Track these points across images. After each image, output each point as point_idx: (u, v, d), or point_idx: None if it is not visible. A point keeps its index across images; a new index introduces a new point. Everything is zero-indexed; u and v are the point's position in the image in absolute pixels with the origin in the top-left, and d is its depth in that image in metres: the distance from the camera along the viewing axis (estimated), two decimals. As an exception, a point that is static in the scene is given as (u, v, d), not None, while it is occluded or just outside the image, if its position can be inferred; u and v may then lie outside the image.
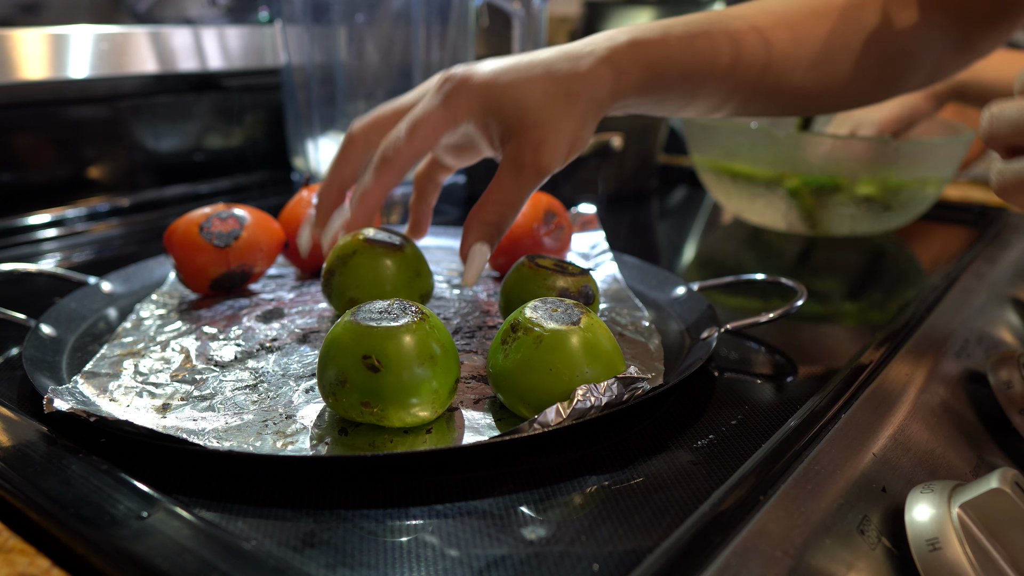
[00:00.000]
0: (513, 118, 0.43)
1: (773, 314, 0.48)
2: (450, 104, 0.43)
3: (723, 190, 0.79)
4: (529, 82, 0.43)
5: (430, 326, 0.37)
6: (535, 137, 0.43)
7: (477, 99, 0.43)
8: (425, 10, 0.75)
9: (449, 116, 0.43)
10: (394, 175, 0.43)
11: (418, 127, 0.43)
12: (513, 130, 0.43)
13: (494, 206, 0.44)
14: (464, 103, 0.43)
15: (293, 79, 0.79)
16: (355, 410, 0.36)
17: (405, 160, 0.43)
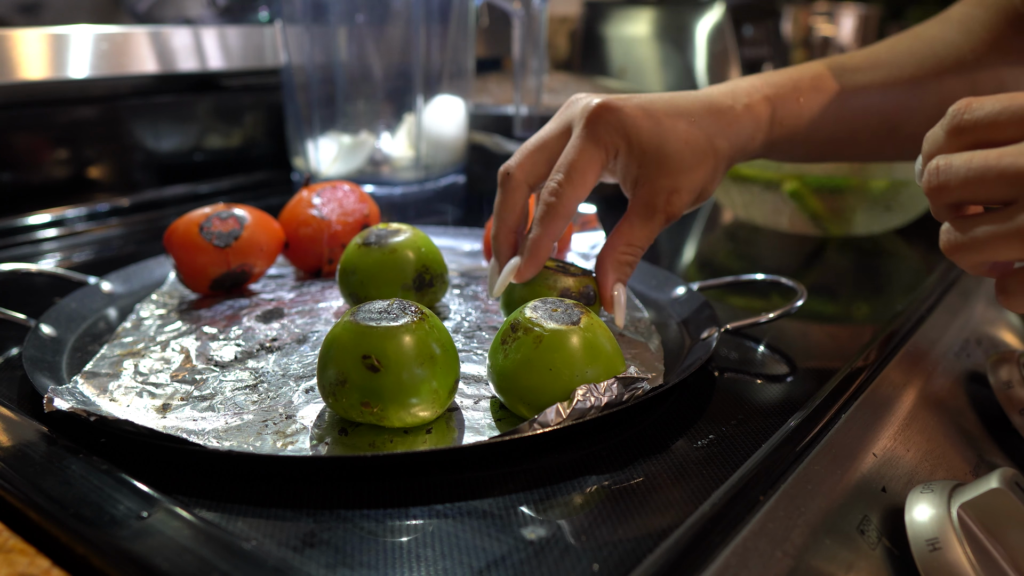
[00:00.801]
0: (654, 162, 0.43)
1: (773, 314, 0.48)
2: (602, 142, 0.43)
3: (723, 190, 0.79)
4: (674, 129, 0.44)
5: (430, 326, 0.37)
6: (670, 185, 0.43)
7: (623, 137, 0.43)
8: (425, 10, 0.75)
9: (603, 155, 0.43)
10: (560, 221, 0.43)
11: (576, 172, 0.43)
12: (652, 173, 0.43)
13: (626, 248, 0.44)
14: (614, 137, 0.43)
15: (293, 79, 0.79)
16: (355, 410, 0.36)
17: (570, 207, 0.43)
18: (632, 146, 0.43)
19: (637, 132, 0.43)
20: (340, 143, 0.80)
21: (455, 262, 0.62)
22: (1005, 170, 0.30)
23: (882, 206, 0.72)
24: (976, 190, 0.31)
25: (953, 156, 0.32)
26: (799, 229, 0.76)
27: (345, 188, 0.58)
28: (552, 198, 0.43)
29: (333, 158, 0.80)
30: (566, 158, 0.43)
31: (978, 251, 0.32)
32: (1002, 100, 0.31)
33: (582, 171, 0.43)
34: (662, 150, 0.43)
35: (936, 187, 0.33)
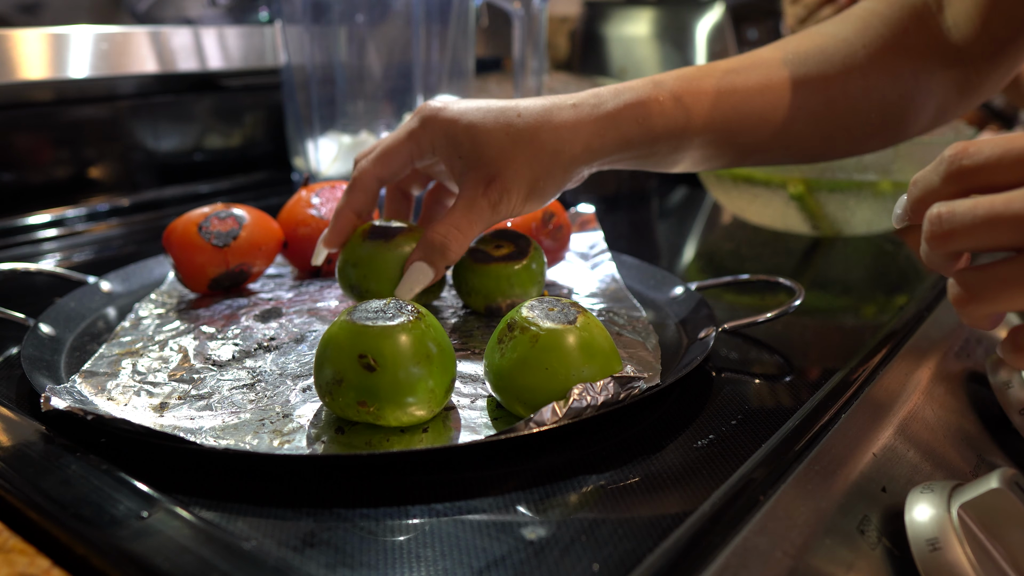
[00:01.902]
0: (471, 154, 0.45)
1: (771, 314, 0.48)
2: (415, 135, 0.46)
3: (723, 190, 0.79)
4: (495, 123, 0.45)
5: (426, 325, 0.37)
6: (488, 174, 0.45)
7: (441, 133, 0.46)
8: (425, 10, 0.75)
9: (413, 146, 0.47)
10: (360, 196, 0.48)
11: (384, 154, 0.47)
12: (471, 166, 0.45)
13: (442, 229, 0.45)
14: (428, 136, 0.46)
15: (293, 79, 0.79)
16: (351, 409, 0.36)
17: (369, 183, 0.47)
18: (450, 140, 0.45)
19: (454, 128, 0.45)
20: (340, 143, 0.80)
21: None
22: (1015, 216, 0.29)
23: (882, 206, 0.72)
24: (984, 238, 0.30)
25: (955, 203, 0.31)
26: (798, 229, 0.76)
27: (344, 188, 0.58)
28: (356, 172, 0.48)
29: (333, 158, 0.80)
30: (383, 142, 0.48)
31: (993, 302, 0.31)
32: (1001, 144, 0.31)
33: (387, 155, 0.47)
34: (478, 141, 0.45)
35: (939, 235, 0.31)
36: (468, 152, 0.45)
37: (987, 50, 0.50)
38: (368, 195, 0.48)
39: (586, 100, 0.46)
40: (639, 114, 0.46)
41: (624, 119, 0.46)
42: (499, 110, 0.45)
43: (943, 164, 0.32)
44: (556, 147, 0.45)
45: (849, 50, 0.50)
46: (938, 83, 0.51)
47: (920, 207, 0.34)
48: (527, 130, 0.45)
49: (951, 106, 0.53)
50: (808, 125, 0.50)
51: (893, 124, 0.52)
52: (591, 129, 0.45)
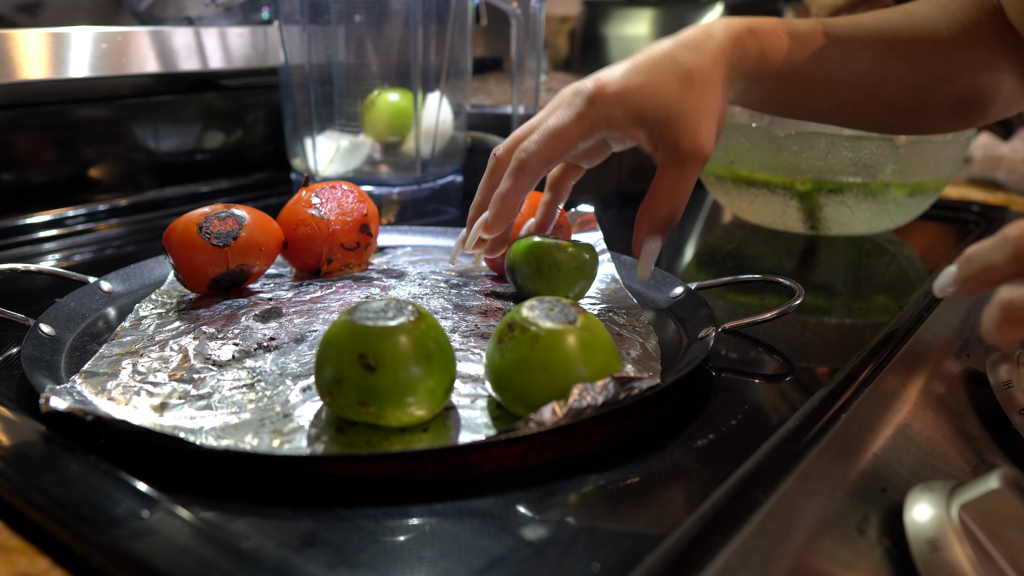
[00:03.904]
0: (660, 116, 0.45)
1: (770, 314, 0.48)
2: (585, 116, 0.45)
3: (723, 190, 0.79)
4: (663, 79, 0.45)
5: (426, 325, 0.37)
6: (687, 126, 0.45)
7: (618, 108, 0.45)
8: (423, 10, 0.75)
9: (585, 127, 0.45)
10: (528, 179, 0.46)
11: (553, 136, 0.45)
12: (664, 126, 0.45)
13: (664, 200, 0.45)
14: (602, 113, 0.45)
15: (291, 79, 0.79)
16: (352, 409, 0.36)
17: (538, 166, 0.45)
18: (630, 111, 0.45)
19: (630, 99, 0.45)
20: (338, 143, 0.80)
21: (455, 262, 0.62)
22: None
23: (882, 207, 0.72)
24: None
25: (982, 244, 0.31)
26: (798, 229, 0.76)
27: (344, 188, 0.58)
28: (523, 154, 0.46)
29: (331, 158, 0.80)
30: (547, 124, 0.46)
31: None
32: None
33: (558, 136, 0.45)
34: (660, 101, 0.45)
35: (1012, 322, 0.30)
36: (656, 117, 0.45)
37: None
38: (535, 179, 0.46)
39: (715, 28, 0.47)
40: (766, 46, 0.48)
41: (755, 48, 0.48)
42: (655, 66, 0.45)
43: (1008, 245, 0.31)
44: (721, 77, 0.46)
45: (934, 28, 0.52)
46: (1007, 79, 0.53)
47: (975, 284, 0.33)
48: (695, 73, 0.45)
49: (1012, 105, 0.55)
50: (896, 92, 0.52)
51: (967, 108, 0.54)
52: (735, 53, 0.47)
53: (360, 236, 0.57)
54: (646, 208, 0.46)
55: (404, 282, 0.56)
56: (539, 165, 0.46)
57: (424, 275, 0.58)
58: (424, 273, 0.59)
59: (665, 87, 0.45)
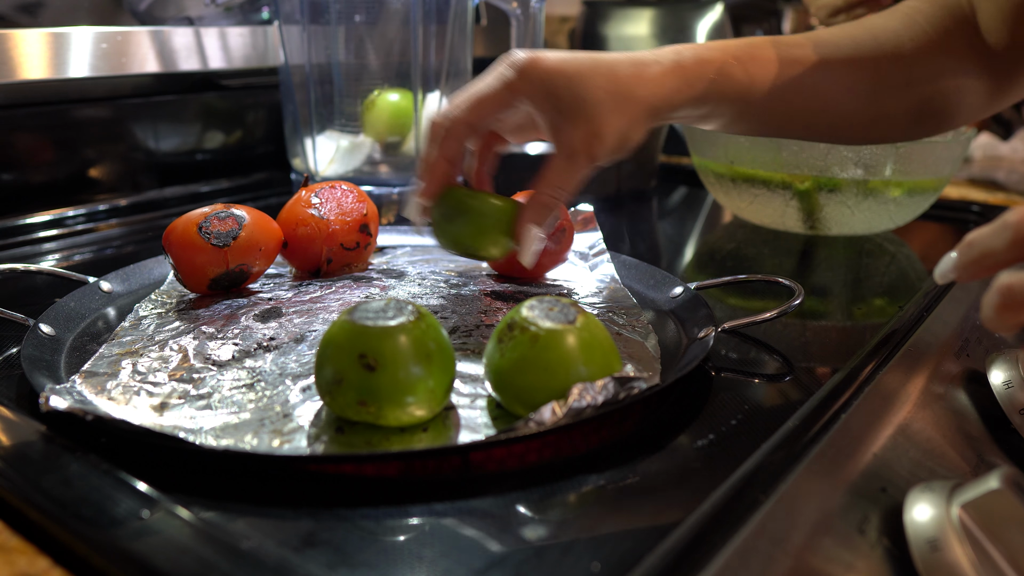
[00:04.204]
0: (572, 107, 0.45)
1: (770, 314, 0.48)
2: (512, 85, 0.46)
3: (723, 190, 0.79)
4: (593, 75, 0.45)
5: (426, 325, 0.37)
6: (590, 129, 0.45)
7: (540, 83, 0.45)
8: (423, 10, 0.75)
9: (507, 94, 0.46)
10: (451, 142, 0.47)
11: (475, 101, 0.46)
12: (570, 119, 0.45)
13: (547, 188, 0.46)
14: (526, 84, 0.45)
15: (291, 79, 0.79)
16: (352, 409, 0.36)
17: (460, 130, 0.46)
18: (550, 93, 0.45)
19: (554, 80, 0.45)
20: (338, 143, 0.80)
21: (453, 261, 0.62)
22: None
23: (881, 206, 0.72)
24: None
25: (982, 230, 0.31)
26: (798, 229, 0.76)
27: (344, 188, 0.58)
28: (445, 120, 0.47)
29: (331, 158, 0.80)
30: (471, 90, 0.47)
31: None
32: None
33: (479, 101, 0.46)
34: (579, 96, 0.45)
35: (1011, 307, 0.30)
36: (568, 105, 0.45)
37: (1014, 56, 0.51)
38: (460, 143, 0.47)
39: (665, 55, 0.48)
40: (715, 74, 0.48)
41: (700, 77, 0.48)
42: (594, 62, 0.46)
43: (1008, 231, 0.32)
44: (648, 101, 0.47)
45: (897, 40, 0.52)
46: (973, 85, 0.53)
47: (975, 269, 0.34)
48: (624, 84, 0.46)
49: (982, 108, 0.55)
50: (855, 105, 0.52)
51: (930, 117, 0.54)
52: (674, 85, 0.47)
53: (360, 236, 0.57)
54: (530, 196, 0.47)
55: (404, 282, 0.56)
56: (461, 129, 0.46)
57: (424, 275, 0.58)
58: (424, 273, 0.59)
59: (590, 84, 0.45)
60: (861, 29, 0.53)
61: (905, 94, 0.52)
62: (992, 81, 0.53)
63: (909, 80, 0.52)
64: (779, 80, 0.50)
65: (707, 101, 0.49)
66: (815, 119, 0.53)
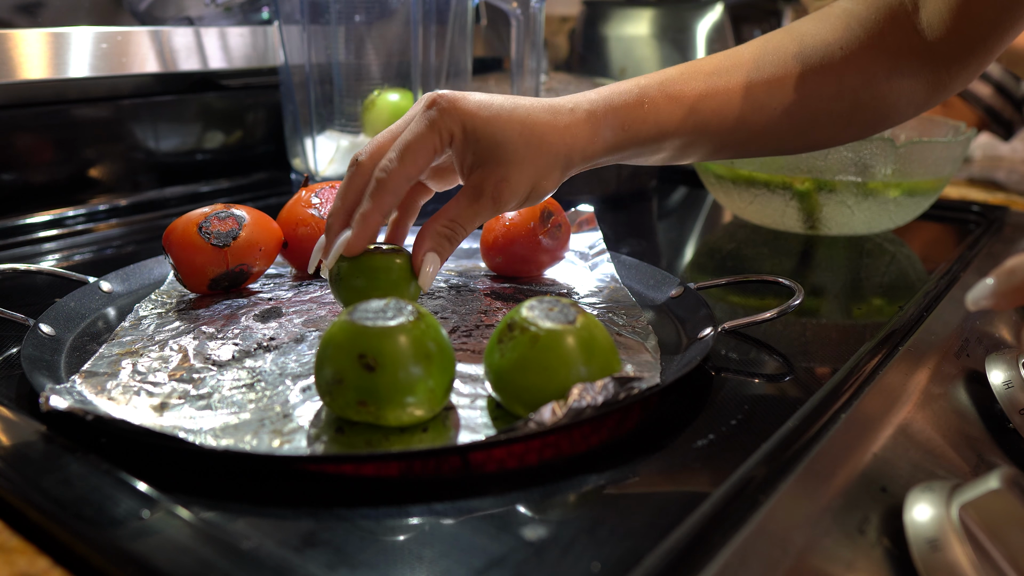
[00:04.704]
0: (486, 151, 0.45)
1: (770, 314, 0.48)
2: (436, 127, 0.45)
3: (723, 190, 0.79)
4: (510, 121, 0.45)
5: (426, 325, 0.37)
6: (499, 173, 0.45)
7: (459, 125, 0.45)
8: (423, 10, 0.75)
9: (436, 139, 0.45)
10: (390, 197, 0.45)
11: (408, 151, 0.45)
12: (482, 161, 0.45)
13: (448, 222, 0.46)
14: (448, 126, 0.45)
15: (291, 79, 0.79)
16: (351, 409, 0.36)
17: (398, 183, 0.45)
18: (467, 135, 0.45)
19: (472, 122, 0.45)
20: (338, 143, 0.80)
21: (453, 262, 0.62)
22: None
23: (881, 207, 0.72)
24: None
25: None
26: (798, 229, 0.76)
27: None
28: (382, 174, 0.45)
29: (331, 158, 0.80)
30: (401, 139, 0.45)
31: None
32: None
33: (414, 151, 0.45)
34: (494, 140, 0.45)
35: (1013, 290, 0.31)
36: (483, 149, 0.45)
37: (958, 50, 0.51)
38: (397, 197, 0.45)
39: (580, 104, 0.48)
40: (627, 120, 0.48)
41: (614, 125, 0.48)
42: (511, 108, 0.46)
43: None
44: (560, 151, 0.46)
45: (827, 51, 0.51)
46: (910, 82, 0.52)
47: (1014, 297, 0.34)
48: (538, 132, 0.46)
49: (921, 104, 0.54)
50: (783, 122, 0.51)
51: (864, 121, 0.53)
52: (587, 135, 0.47)
53: (360, 236, 0.57)
54: (430, 224, 0.46)
55: (404, 282, 0.56)
56: (400, 183, 0.45)
57: (424, 275, 0.58)
58: (424, 273, 0.59)
59: (507, 131, 0.45)
60: (790, 38, 0.52)
61: (835, 103, 0.52)
62: (929, 76, 0.52)
63: (840, 89, 0.51)
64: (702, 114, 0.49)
65: (622, 148, 0.49)
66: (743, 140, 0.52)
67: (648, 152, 0.50)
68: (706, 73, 0.50)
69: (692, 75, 0.50)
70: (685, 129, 0.50)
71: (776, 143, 0.53)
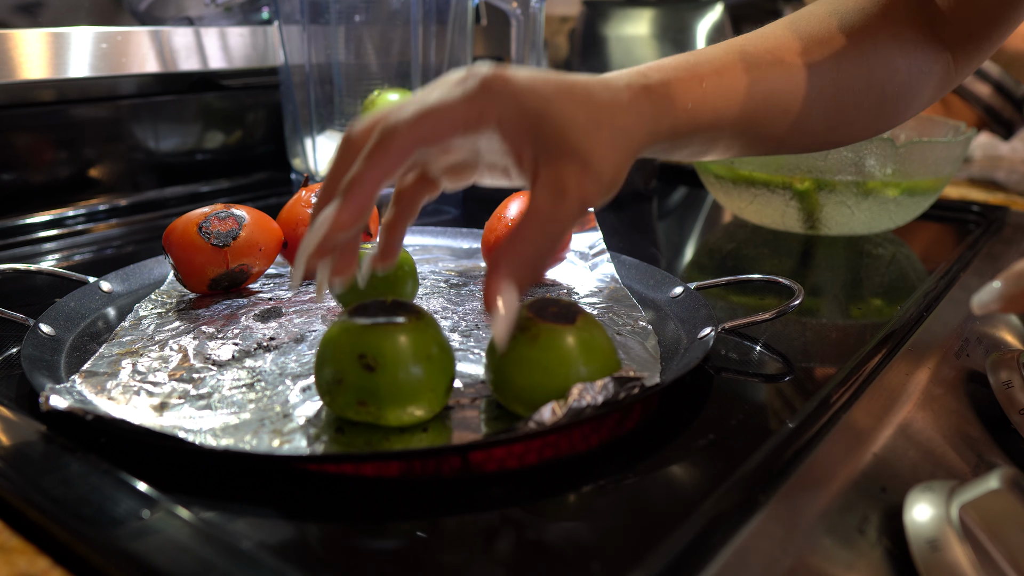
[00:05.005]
0: (554, 137, 0.36)
1: (770, 314, 0.48)
2: (477, 101, 0.35)
3: (723, 190, 0.79)
4: (573, 101, 0.36)
5: (426, 325, 0.37)
6: (581, 161, 0.36)
7: (513, 104, 0.35)
8: (423, 10, 0.75)
9: (474, 113, 0.35)
10: (393, 159, 0.34)
11: (431, 114, 0.35)
12: (553, 152, 0.36)
13: (532, 237, 0.35)
14: (495, 106, 0.35)
15: (291, 79, 0.79)
16: (351, 409, 0.37)
17: (407, 144, 0.34)
18: (525, 119, 0.36)
19: (531, 103, 0.36)
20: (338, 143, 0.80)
21: (454, 261, 0.62)
22: None
23: (881, 207, 0.72)
24: None
25: None
26: (798, 229, 0.76)
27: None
28: (389, 129, 0.34)
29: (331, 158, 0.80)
30: (427, 100, 0.35)
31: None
32: None
33: (438, 113, 0.35)
34: (561, 122, 0.36)
35: None
36: (549, 133, 0.35)
37: (963, 44, 0.50)
38: (400, 161, 0.35)
39: (634, 80, 0.40)
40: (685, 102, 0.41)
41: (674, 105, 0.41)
42: (569, 85, 0.37)
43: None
44: (631, 129, 0.38)
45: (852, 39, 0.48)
46: (927, 76, 0.51)
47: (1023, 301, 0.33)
48: (606, 112, 0.37)
49: (932, 97, 0.53)
50: (819, 114, 0.48)
51: (886, 116, 0.52)
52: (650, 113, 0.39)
53: (360, 236, 0.57)
54: (507, 247, 0.35)
55: (404, 282, 0.56)
56: (409, 144, 0.34)
57: (424, 275, 0.58)
58: (424, 273, 0.59)
59: (574, 112, 0.36)
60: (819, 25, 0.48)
61: (863, 94, 0.49)
62: (943, 70, 0.51)
63: (869, 80, 0.48)
64: (752, 106, 0.44)
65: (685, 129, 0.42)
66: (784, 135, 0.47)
67: (700, 143, 0.44)
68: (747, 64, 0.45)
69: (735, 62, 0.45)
70: (735, 120, 0.44)
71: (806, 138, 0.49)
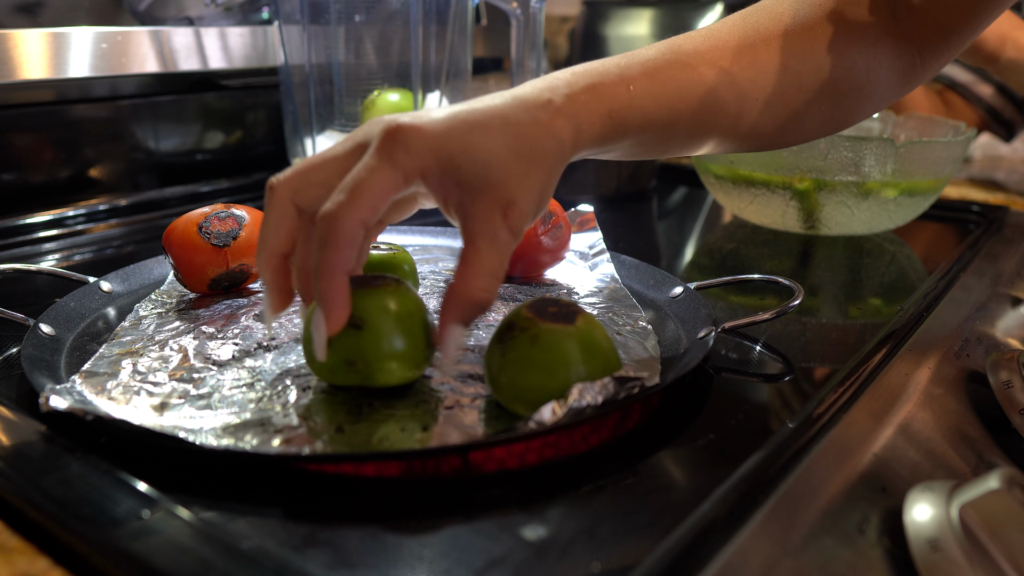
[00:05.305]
0: (475, 177, 0.37)
1: (770, 314, 0.48)
2: (398, 161, 0.36)
3: (723, 190, 0.79)
4: (488, 134, 0.37)
5: (406, 289, 0.40)
6: (504, 197, 0.37)
7: (430, 155, 0.36)
8: (423, 10, 0.75)
9: (398, 176, 0.36)
10: (347, 250, 0.36)
11: (362, 191, 0.36)
12: (477, 191, 0.37)
13: (477, 280, 0.37)
14: (415, 160, 0.36)
15: (291, 79, 0.79)
16: (341, 371, 0.38)
17: (354, 232, 0.36)
18: (444, 166, 0.37)
19: (447, 150, 0.36)
20: (339, 143, 0.80)
21: (454, 261, 0.62)
22: None
23: (881, 207, 0.72)
24: None
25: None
26: (797, 229, 0.76)
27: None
28: (332, 221, 0.35)
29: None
30: (353, 177, 0.36)
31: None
32: None
33: (370, 192, 0.36)
34: (479, 159, 0.37)
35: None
36: (471, 177, 0.36)
37: (930, 38, 0.49)
38: (354, 246, 0.36)
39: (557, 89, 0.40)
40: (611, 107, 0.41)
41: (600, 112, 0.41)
42: (483, 118, 0.38)
43: None
44: (553, 149, 0.39)
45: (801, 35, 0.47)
46: (885, 72, 0.50)
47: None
48: (525, 137, 0.38)
49: (891, 96, 0.51)
50: (763, 113, 0.47)
51: (841, 113, 0.51)
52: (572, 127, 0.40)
53: (360, 236, 0.57)
54: (456, 289, 0.37)
55: (404, 282, 0.56)
56: (356, 230, 0.36)
57: (424, 275, 0.58)
58: (424, 273, 0.59)
59: (489, 146, 0.37)
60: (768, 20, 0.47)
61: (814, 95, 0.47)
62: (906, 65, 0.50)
63: (820, 82, 0.47)
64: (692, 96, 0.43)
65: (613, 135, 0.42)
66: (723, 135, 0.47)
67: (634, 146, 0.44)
68: (687, 52, 0.45)
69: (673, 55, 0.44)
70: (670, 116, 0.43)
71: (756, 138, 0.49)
